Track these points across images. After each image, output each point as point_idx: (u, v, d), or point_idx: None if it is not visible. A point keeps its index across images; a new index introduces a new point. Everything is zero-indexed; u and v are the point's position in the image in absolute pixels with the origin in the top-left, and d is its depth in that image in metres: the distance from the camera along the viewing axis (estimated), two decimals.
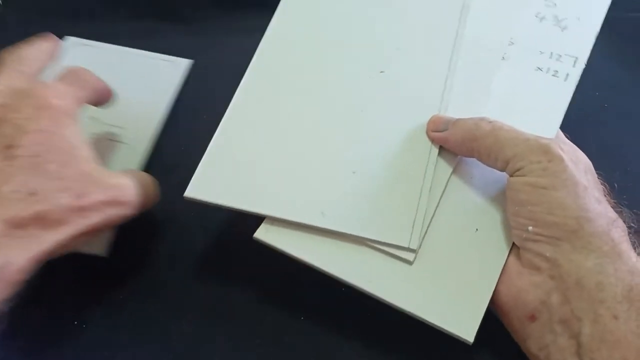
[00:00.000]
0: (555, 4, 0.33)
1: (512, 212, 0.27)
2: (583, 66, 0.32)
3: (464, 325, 0.26)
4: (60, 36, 0.52)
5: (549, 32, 0.32)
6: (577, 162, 0.27)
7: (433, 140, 0.30)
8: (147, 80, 0.43)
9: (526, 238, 0.26)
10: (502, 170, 0.28)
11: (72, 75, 0.30)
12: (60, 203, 0.25)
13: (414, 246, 0.27)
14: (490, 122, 0.28)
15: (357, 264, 0.27)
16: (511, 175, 0.27)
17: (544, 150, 0.26)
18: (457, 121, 0.29)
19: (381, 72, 0.32)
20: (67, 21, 0.55)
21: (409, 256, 0.27)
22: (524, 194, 0.26)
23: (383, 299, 0.27)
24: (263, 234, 0.28)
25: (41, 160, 0.25)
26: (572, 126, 0.40)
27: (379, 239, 0.27)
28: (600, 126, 0.41)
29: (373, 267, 0.27)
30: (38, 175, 0.25)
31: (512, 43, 0.32)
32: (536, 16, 0.33)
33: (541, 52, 0.32)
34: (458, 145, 0.29)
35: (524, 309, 0.25)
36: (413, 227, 0.27)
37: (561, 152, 0.26)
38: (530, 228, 0.26)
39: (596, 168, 0.33)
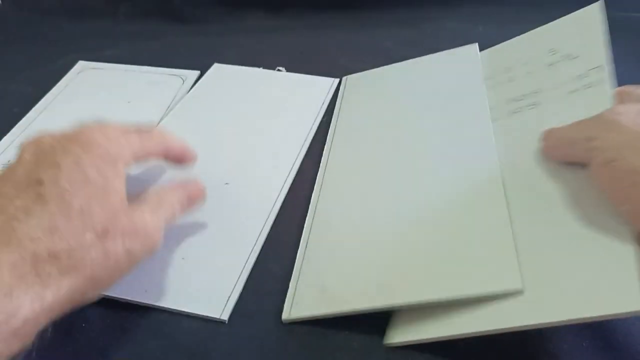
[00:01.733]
0: None
1: (619, 202, 0.24)
2: None
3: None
4: (64, 40, 0.52)
5: None
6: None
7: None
8: (153, 95, 0.43)
9: None
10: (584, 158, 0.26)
11: (146, 132, 0.30)
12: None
13: (518, 282, 0.26)
14: None
15: (481, 314, 0.26)
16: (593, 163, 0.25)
17: (614, 124, 0.25)
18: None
19: (226, 184, 0.34)
20: (67, 21, 0.55)
21: (517, 286, 0.26)
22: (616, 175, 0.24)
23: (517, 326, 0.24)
24: (394, 336, 0.27)
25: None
26: None
27: (486, 292, 0.26)
28: None
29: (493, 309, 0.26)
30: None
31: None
32: None
33: None
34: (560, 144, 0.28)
35: None
36: (511, 262, 0.26)
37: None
38: None
39: None
